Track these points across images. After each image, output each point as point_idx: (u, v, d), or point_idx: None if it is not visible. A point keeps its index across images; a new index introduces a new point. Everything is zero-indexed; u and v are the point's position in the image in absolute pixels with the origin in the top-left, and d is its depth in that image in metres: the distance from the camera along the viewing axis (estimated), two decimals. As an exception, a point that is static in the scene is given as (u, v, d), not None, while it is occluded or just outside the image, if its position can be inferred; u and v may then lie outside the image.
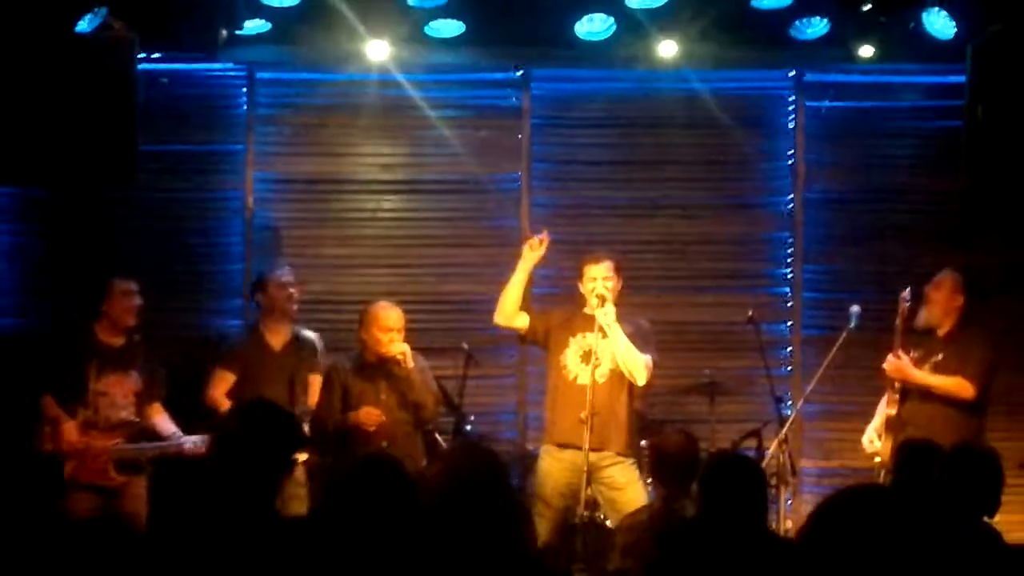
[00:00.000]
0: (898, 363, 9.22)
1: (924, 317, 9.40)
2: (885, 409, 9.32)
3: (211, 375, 9.54)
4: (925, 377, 9.20)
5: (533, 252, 9.21)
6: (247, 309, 10.65)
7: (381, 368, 9.13)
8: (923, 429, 8.82)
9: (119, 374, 9.13)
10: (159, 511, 9.42)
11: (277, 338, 9.59)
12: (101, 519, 7.54)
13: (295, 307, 9.65)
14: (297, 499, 8.82)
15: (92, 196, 10.51)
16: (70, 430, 8.90)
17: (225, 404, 9.15)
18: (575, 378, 8.97)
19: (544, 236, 9.21)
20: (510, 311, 9.25)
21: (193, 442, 9.04)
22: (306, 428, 8.81)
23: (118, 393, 9.09)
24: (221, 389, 9.42)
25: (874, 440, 9.39)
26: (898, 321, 9.38)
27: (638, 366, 8.90)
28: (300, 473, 8.91)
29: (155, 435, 9.22)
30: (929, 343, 9.35)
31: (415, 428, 9.30)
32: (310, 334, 9.78)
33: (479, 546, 4.37)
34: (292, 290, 9.61)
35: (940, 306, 9.36)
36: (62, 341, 9.45)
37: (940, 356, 9.25)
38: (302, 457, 8.79)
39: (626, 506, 8.53)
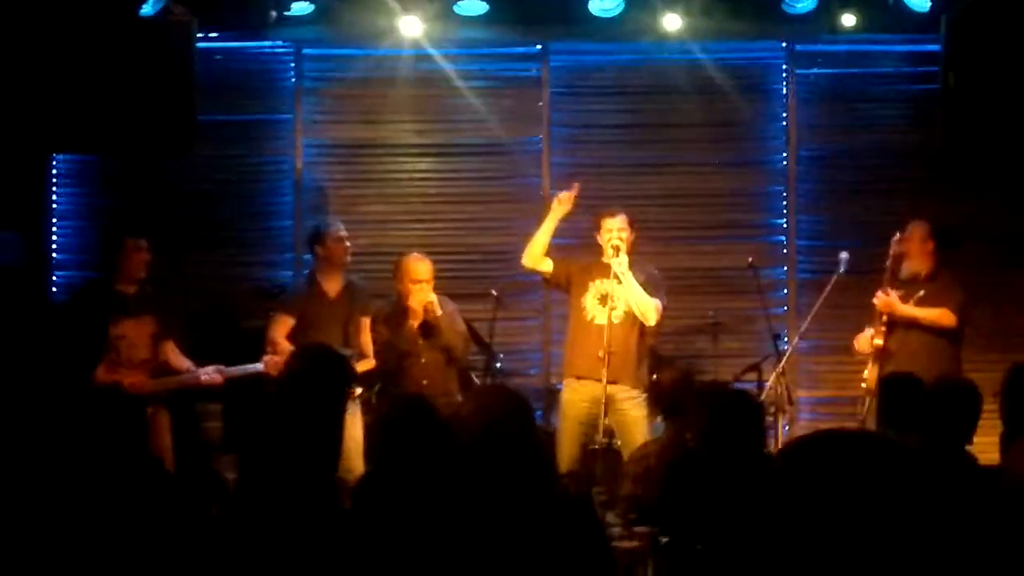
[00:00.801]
0: (887, 298, 9.21)
1: (906, 267, 9.37)
2: (872, 339, 9.28)
3: (273, 319, 9.48)
4: (911, 310, 9.19)
5: (562, 206, 9.16)
6: (298, 261, 10.66)
7: (413, 313, 9.10)
8: (909, 358, 8.86)
9: (134, 319, 9.06)
10: (233, 436, 9.50)
11: (332, 285, 9.54)
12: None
13: (348, 258, 9.60)
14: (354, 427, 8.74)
15: (157, 163, 10.46)
16: (100, 371, 8.87)
17: (285, 345, 9.07)
18: (593, 319, 8.99)
19: (574, 191, 9.14)
20: (537, 255, 9.22)
21: (208, 373, 9.08)
22: (357, 366, 8.88)
23: (135, 335, 9.03)
24: (282, 332, 9.35)
25: (862, 348, 9.38)
26: (888, 262, 9.36)
27: (649, 309, 8.91)
28: (356, 406, 8.86)
29: (172, 370, 9.16)
30: (909, 286, 9.32)
31: (449, 366, 9.26)
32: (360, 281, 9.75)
33: (509, 477, 4.36)
34: (347, 243, 9.57)
35: (916, 255, 9.35)
36: (83, 294, 9.42)
37: (922, 292, 9.23)
38: (357, 391, 8.82)
39: (635, 437, 8.61)
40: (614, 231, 8.98)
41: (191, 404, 9.62)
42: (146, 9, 9.11)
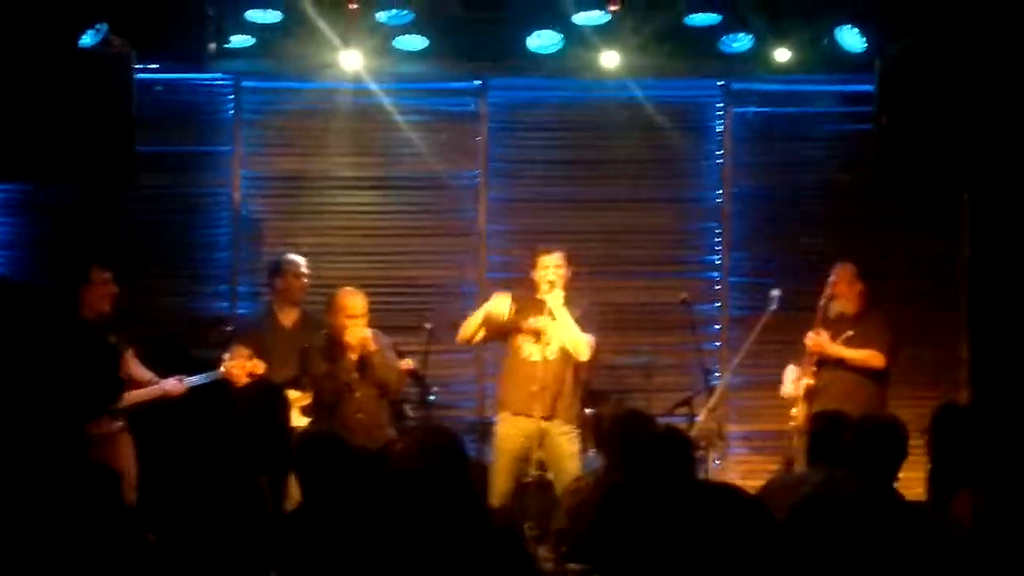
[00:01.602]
0: (818, 339, 9.31)
1: (834, 307, 9.48)
2: (803, 379, 9.36)
3: (228, 349, 9.47)
4: (842, 350, 9.29)
5: (498, 308, 9.18)
6: (233, 293, 10.70)
7: (349, 348, 9.10)
8: (836, 397, 8.93)
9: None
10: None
11: (288, 317, 9.58)
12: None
13: (304, 295, 9.63)
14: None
15: (93, 192, 10.42)
16: None
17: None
18: (528, 356, 9.05)
19: (510, 303, 9.17)
20: (469, 336, 9.32)
21: (170, 383, 9.11)
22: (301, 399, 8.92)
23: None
24: None
25: (791, 391, 9.45)
26: (821, 302, 9.45)
27: (581, 345, 8.99)
28: None
29: (137, 383, 9.10)
30: (837, 325, 9.42)
31: (382, 400, 9.27)
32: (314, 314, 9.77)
33: (441, 512, 4.39)
34: (305, 280, 9.60)
35: (845, 295, 9.46)
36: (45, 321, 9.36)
37: (851, 332, 9.33)
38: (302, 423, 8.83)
39: (568, 470, 8.71)
40: (550, 268, 9.06)
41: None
42: (85, 40, 9.09)
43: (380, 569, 4.29)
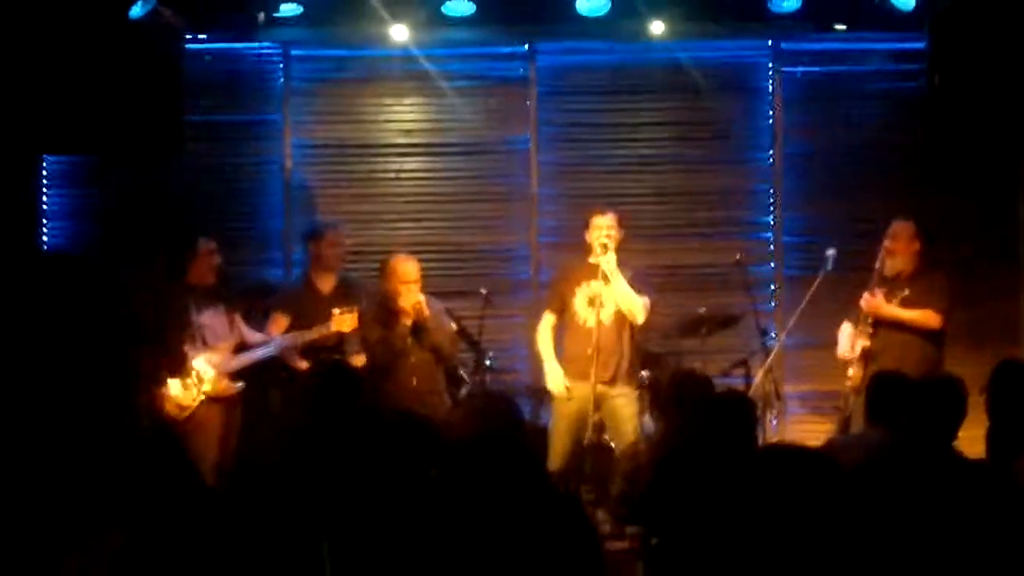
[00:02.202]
0: (873, 300, 9.20)
1: (890, 265, 9.35)
2: (859, 340, 9.28)
3: (270, 318, 9.51)
4: (897, 311, 9.16)
5: (556, 389, 9.13)
6: (287, 260, 10.71)
7: (404, 313, 9.10)
8: (895, 357, 8.83)
9: (212, 307, 9.16)
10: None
11: (326, 283, 9.58)
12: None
13: (341, 264, 9.64)
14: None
15: (145, 162, 10.45)
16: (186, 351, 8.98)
17: None
18: (584, 322, 9.01)
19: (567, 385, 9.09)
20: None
21: (282, 343, 9.27)
22: (356, 360, 8.94)
23: (217, 324, 9.14)
24: (278, 330, 9.40)
25: (848, 353, 9.38)
26: (878, 264, 9.35)
27: (637, 307, 8.94)
28: None
29: (249, 346, 9.29)
30: (893, 283, 9.31)
31: (437, 365, 9.27)
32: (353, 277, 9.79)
33: (500, 479, 4.39)
34: (341, 249, 9.61)
35: (902, 254, 9.31)
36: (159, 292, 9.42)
37: (906, 291, 9.21)
38: None
39: (626, 434, 8.69)
40: (603, 229, 9.00)
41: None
42: (135, 11, 9.11)
43: (443, 537, 4.29)
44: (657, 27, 10.17)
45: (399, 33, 10.17)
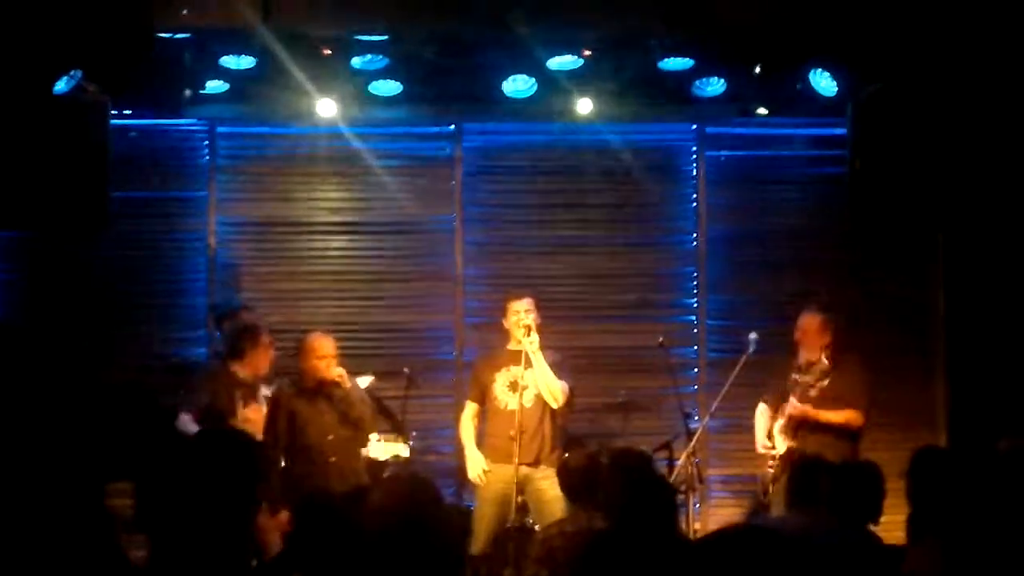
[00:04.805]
0: (800, 408, 9.17)
1: (802, 355, 9.38)
2: (784, 440, 9.26)
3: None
4: (824, 416, 9.12)
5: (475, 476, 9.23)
6: (211, 338, 10.58)
7: (321, 390, 9.03)
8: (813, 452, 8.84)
9: (257, 405, 9.17)
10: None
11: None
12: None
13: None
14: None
15: (70, 238, 10.36)
16: None
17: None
18: (505, 405, 9.05)
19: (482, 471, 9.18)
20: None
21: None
22: None
23: (258, 420, 9.06)
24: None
25: (769, 440, 9.38)
26: (791, 368, 9.40)
27: (556, 391, 8.99)
28: None
29: None
30: (807, 372, 9.32)
31: (357, 442, 9.21)
32: None
33: (419, 566, 4.34)
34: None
35: (811, 345, 9.34)
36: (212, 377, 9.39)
37: (826, 382, 9.22)
38: None
39: (551, 517, 8.58)
40: (521, 312, 9.06)
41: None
42: (59, 86, 9.04)
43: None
44: (583, 109, 10.22)
45: (325, 109, 10.14)
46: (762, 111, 10.35)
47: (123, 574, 5.24)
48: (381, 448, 9.58)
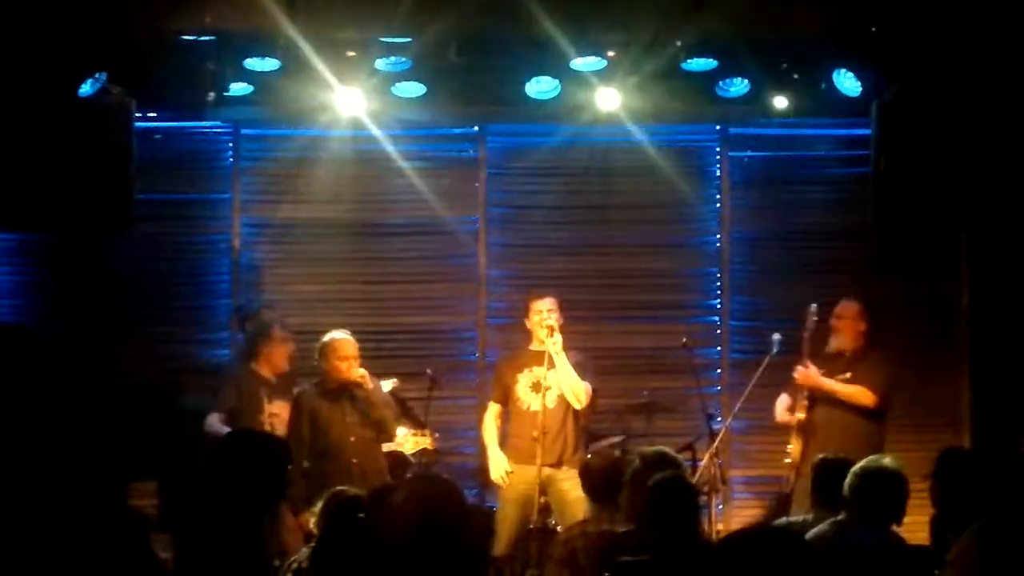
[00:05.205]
0: (806, 372, 9.21)
1: (834, 343, 9.39)
2: (797, 414, 9.27)
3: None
4: (830, 384, 9.15)
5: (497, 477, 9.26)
6: (234, 340, 10.59)
7: (343, 392, 9.05)
8: (834, 435, 8.86)
9: (282, 401, 9.23)
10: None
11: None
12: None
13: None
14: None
15: (94, 240, 10.40)
16: None
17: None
18: (528, 407, 9.06)
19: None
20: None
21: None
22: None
23: (283, 415, 9.19)
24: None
25: (784, 418, 9.37)
26: (805, 333, 9.38)
27: (580, 392, 8.99)
28: None
29: None
30: (835, 361, 9.33)
31: (379, 443, 9.21)
32: None
33: (442, 567, 4.32)
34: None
35: (846, 332, 9.36)
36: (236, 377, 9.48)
37: (848, 374, 9.22)
38: None
39: (574, 518, 8.57)
40: (544, 312, 9.08)
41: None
42: (84, 89, 9.07)
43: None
44: (608, 104, 10.17)
45: (349, 110, 10.11)
46: (785, 111, 10.26)
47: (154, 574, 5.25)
48: (407, 441, 9.59)
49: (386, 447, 9.33)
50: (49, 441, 8.67)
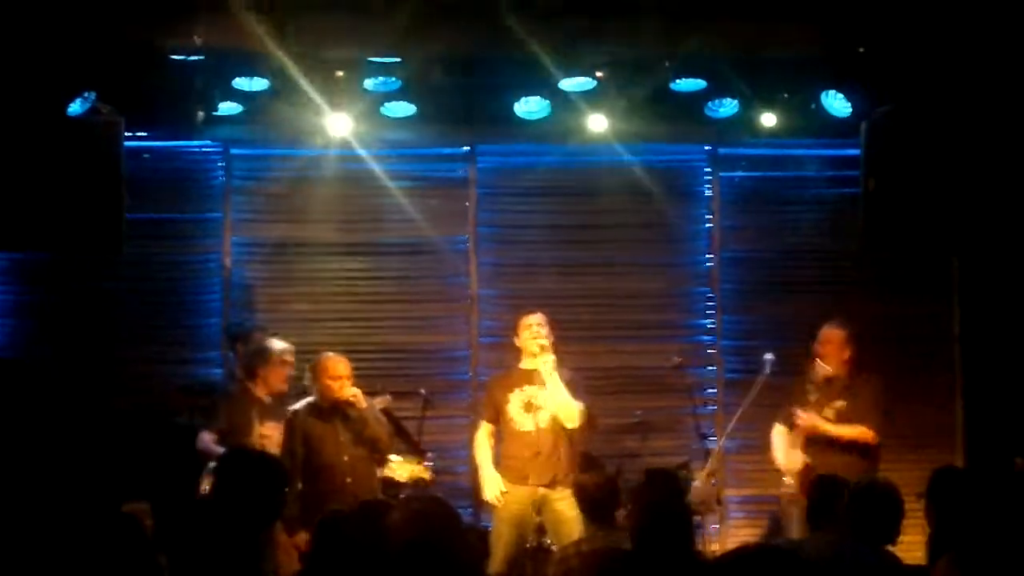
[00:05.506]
0: (809, 419, 9.09)
1: (820, 371, 9.29)
2: (800, 455, 9.17)
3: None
4: (835, 430, 9.05)
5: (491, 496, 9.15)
6: (225, 359, 10.55)
7: (336, 411, 9.00)
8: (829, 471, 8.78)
9: (274, 423, 9.12)
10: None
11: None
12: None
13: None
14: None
15: (85, 259, 10.35)
16: None
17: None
18: (520, 426, 9.02)
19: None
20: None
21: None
22: None
23: (274, 436, 9.05)
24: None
25: (785, 464, 9.31)
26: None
27: (572, 412, 8.93)
28: None
29: None
30: (826, 389, 9.24)
31: (373, 462, 9.17)
32: None
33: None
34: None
35: (832, 359, 9.25)
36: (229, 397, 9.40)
37: (841, 403, 9.13)
38: None
39: (569, 537, 8.53)
40: (534, 326, 9.04)
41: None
42: (74, 108, 9.06)
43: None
44: (597, 125, 10.17)
45: (339, 130, 10.10)
46: (775, 131, 10.26)
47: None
48: (402, 468, 9.51)
49: (380, 474, 9.28)
50: (40, 460, 8.65)
